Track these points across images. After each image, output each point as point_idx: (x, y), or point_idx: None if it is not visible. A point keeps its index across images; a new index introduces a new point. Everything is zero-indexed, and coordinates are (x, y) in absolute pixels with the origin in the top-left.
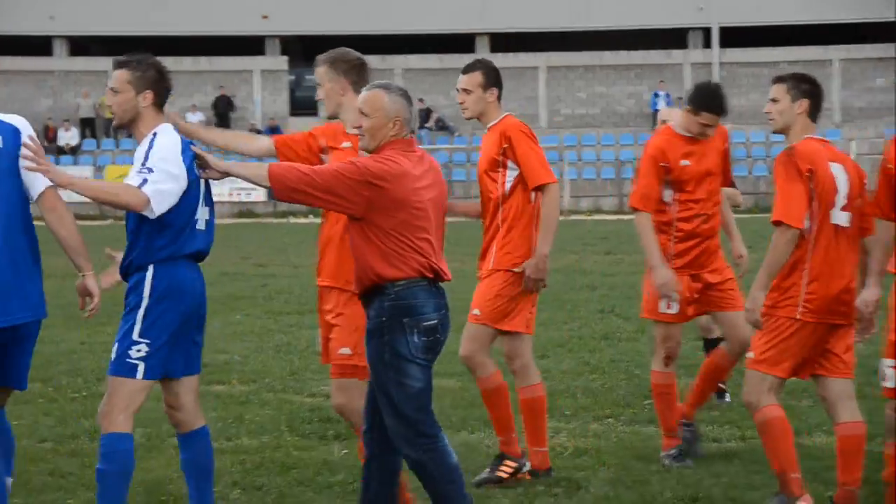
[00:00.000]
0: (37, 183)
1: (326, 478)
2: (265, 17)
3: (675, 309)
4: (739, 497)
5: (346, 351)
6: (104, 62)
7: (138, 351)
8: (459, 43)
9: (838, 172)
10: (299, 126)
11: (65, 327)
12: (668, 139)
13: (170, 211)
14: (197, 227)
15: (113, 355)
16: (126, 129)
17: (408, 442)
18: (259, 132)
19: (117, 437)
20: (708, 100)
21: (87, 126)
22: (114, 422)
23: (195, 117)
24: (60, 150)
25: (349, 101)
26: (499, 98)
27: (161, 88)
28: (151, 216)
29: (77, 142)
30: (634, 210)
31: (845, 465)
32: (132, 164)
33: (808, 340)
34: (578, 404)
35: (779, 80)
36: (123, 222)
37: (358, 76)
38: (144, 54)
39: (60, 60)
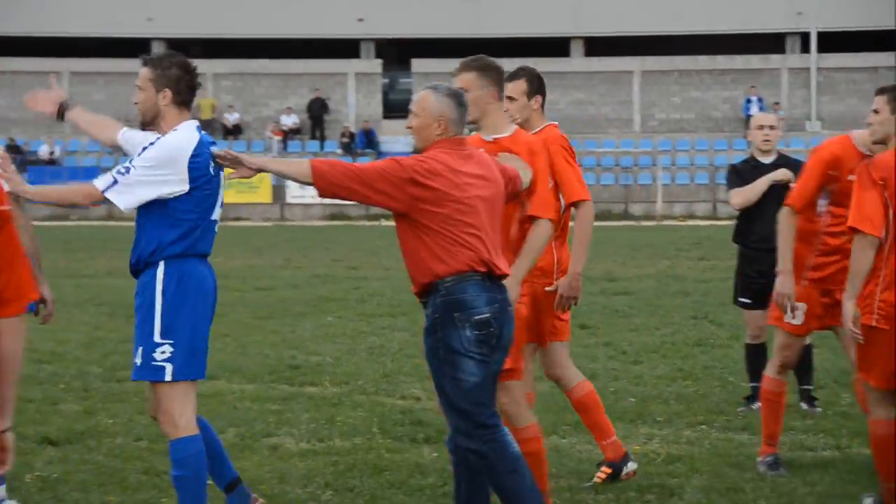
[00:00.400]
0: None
1: (418, 480)
2: (360, 19)
3: (799, 320)
4: None
5: None
6: (203, 65)
7: (162, 353)
8: (554, 47)
9: None
10: (392, 128)
11: None
12: (844, 149)
13: (183, 207)
14: (210, 226)
15: (138, 360)
16: (151, 126)
17: (467, 435)
18: (352, 135)
19: (186, 441)
20: None
21: None
22: (177, 427)
23: (289, 119)
24: None
25: (496, 110)
26: (542, 106)
27: (182, 86)
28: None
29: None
30: (786, 206)
31: None
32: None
33: (886, 348)
34: (671, 410)
35: (881, 91)
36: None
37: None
38: (171, 52)
39: None
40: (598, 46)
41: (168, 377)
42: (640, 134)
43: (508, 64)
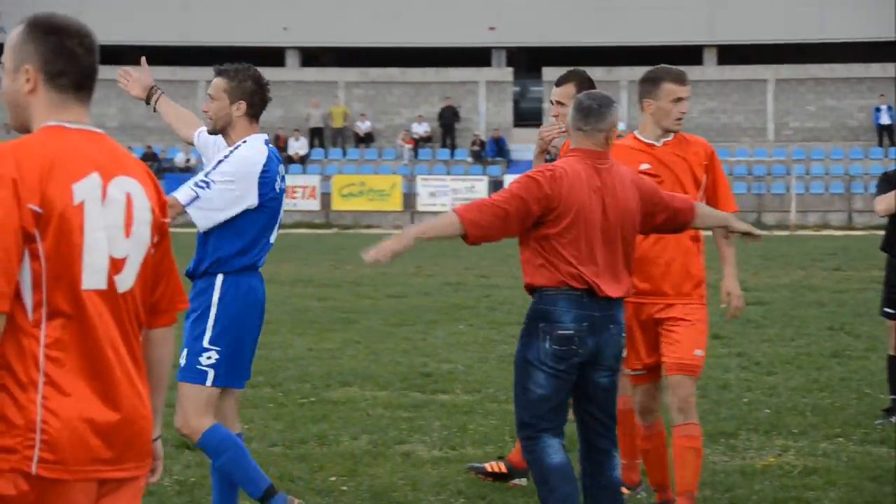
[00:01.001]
0: None
1: None
2: (492, 28)
3: None
4: None
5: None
6: (335, 73)
7: (208, 358)
8: (687, 55)
9: None
10: (523, 137)
11: (292, 333)
12: None
13: (249, 221)
14: (270, 241)
15: (182, 361)
16: (221, 134)
17: (524, 436)
18: (483, 143)
19: (210, 432)
20: None
21: (316, 136)
22: (199, 427)
23: (421, 128)
24: (290, 160)
25: None
26: None
27: (256, 99)
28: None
29: (306, 151)
30: None
31: None
32: (357, 173)
33: None
34: (807, 422)
35: None
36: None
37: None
38: (244, 65)
39: (293, 71)
40: (732, 54)
41: (209, 382)
42: (773, 143)
43: (641, 72)
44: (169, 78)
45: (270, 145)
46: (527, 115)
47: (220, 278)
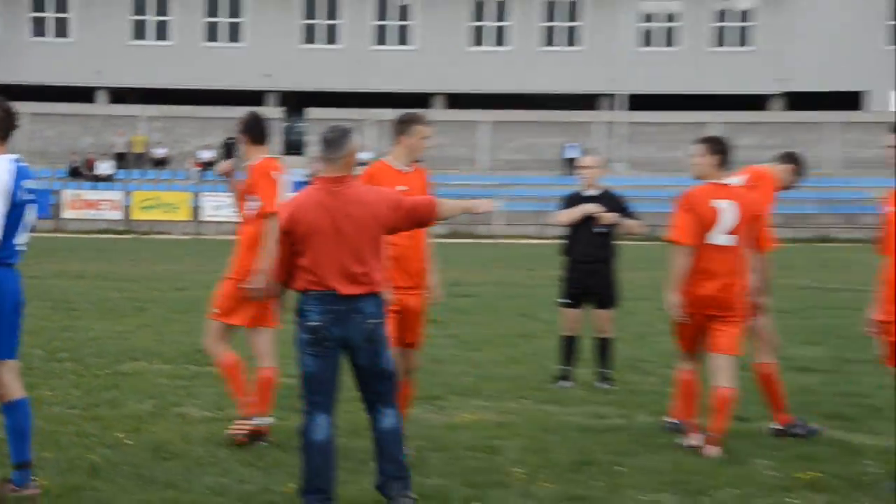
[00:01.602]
0: None
1: (293, 443)
2: (267, 75)
3: None
4: None
5: None
6: (138, 109)
7: None
8: (420, 101)
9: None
10: (291, 163)
11: (94, 319)
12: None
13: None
14: (17, 241)
15: None
16: None
17: (302, 410)
18: None
19: None
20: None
21: (121, 159)
22: None
23: (206, 154)
24: (97, 178)
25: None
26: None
27: (3, 126)
28: None
29: (112, 171)
30: None
31: None
32: (153, 189)
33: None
34: (500, 387)
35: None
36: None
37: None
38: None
39: (103, 107)
40: (455, 100)
41: None
42: (486, 170)
43: (385, 114)
44: None
45: (20, 163)
46: (294, 146)
47: None
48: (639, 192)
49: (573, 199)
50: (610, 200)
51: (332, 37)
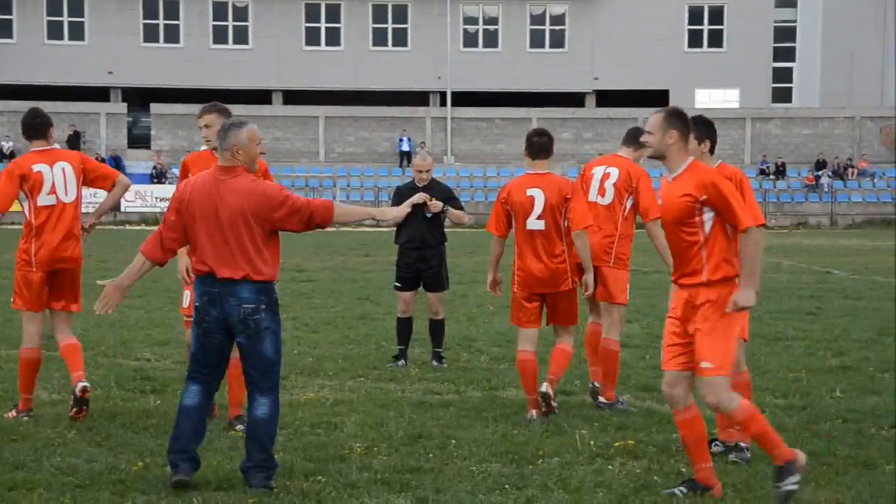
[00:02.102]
0: None
1: (144, 422)
2: (110, 72)
3: None
4: None
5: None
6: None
7: None
8: (260, 97)
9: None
10: (136, 156)
11: None
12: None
13: None
14: None
15: None
16: None
17: None
18: (103, 160)
19: None
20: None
21: None
22: None
23: None
24: None
25: None
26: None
27: None
28: None
29: None
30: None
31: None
32: None
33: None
34: (339, 367)
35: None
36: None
37: None
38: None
39: None
40: (293, 97)
41: None
42: (324, 163)
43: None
44: None
45: None
46: (138, 140)
47: None
48: (465, 183)
49: (404, 191)
50: (438, 189)
51: (172, 36)
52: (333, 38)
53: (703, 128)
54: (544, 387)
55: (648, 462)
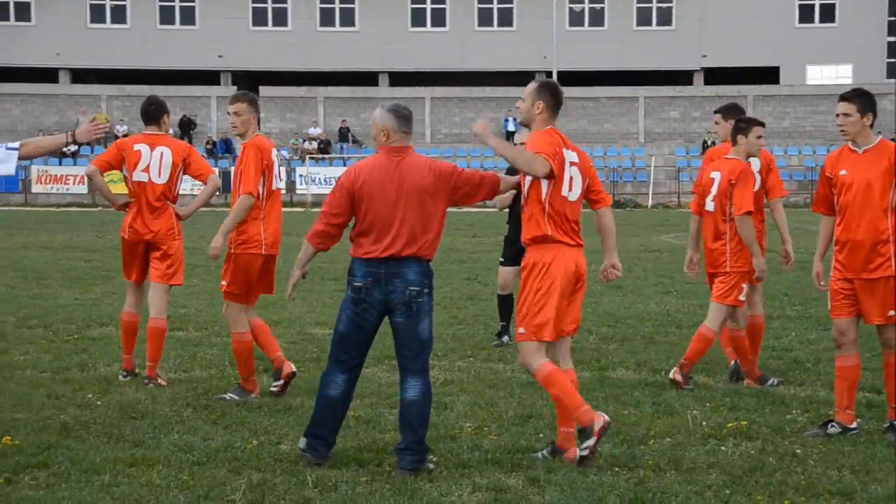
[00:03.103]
0: None
1: (259, 401)
2: (220, 56)
3: None
4: None
5: None
6: (98, 89)
7: None
8: (366, 79)
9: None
10: None
11: (61, 287)
12: None
13: None
14: None
15: None
16: None
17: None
18: (214, 143)
19: None
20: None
21: None
22: None
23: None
24: (64, 154)
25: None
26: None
27: None
28: None
29: (76, 148)
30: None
31: None
32: None
33: None
34: (448, 347)
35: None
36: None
37: None
38: None
39: (65, 87)
40: (399, 78)
41: None
42: (430, 144)
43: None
44: None
45: None
46: None
47: None
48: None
49: (512, 169)
50: None
51: (280, 19)
52: (439, 18)
53: (865, 100)
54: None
55: (762, 443)
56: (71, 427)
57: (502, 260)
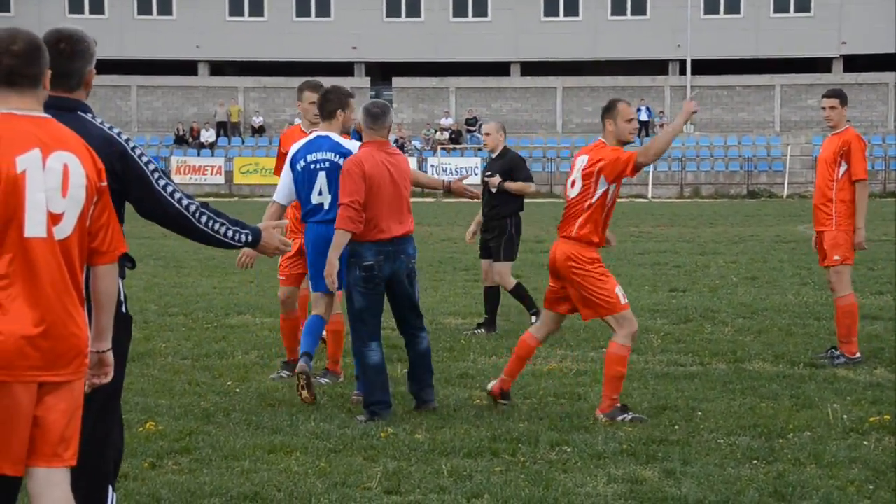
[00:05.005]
0: None
1: (393, 389)
2: (354, 47)
3: None
4: None
5: None
6: (236, 80)
7: None
8: (497, 69)
9: None
10: None
11: (201, 276)
12: None
13: None
14: None
15: None
16: None
17: (354, 339)
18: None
19: None
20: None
21: (222, 128)
22: None
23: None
24: (202, 145)
25: None
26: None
27: None
28: None
29: (214, 139)
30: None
31: None
32: (252, 156)
33: None
34: (581, 338)
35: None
36: None
37: None
38: None
39: (204, 79)
40: (531, 68)
41: None
42: (561, 134)
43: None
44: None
45: None
46: None
47: None
48: (705, 153)
49: (489, 161)
50: (503, 161)
51: (413, 10)
52: (572, 8)
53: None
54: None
55: None
56: (212, 413)
57: (480, 253)
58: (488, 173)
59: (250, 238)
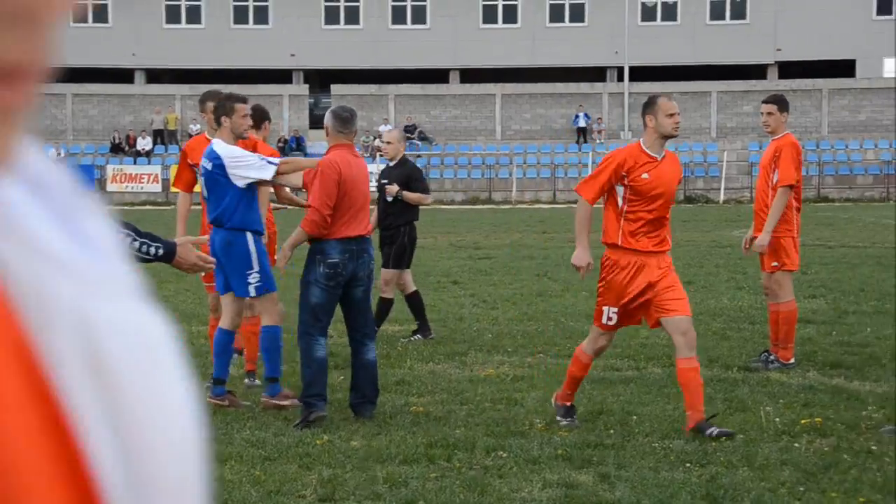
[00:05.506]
0: None
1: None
2: (293, 55)
3: None
4: None
5: None
6: (173, 88)
7: None
8: (436, 76)
9: None
10: (317, 136)
11: None
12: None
13: None
14: None
15: None
16: None
17: (302, 332)
18: (286, 141)
19: None
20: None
21: (158, 135)
22: None
23: None
24: (138, 153)
25: None
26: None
27: None
28: None
29: (150, 147)
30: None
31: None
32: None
33: None
34: (518, 343)
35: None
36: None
37: None
38: None
39: (140, 87)
40: (470, 75)
41: None
42: (500, 140)
43: (404, 89)
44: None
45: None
46: (320, 121)
47: None
48: None
49: (385, 169)
50: (402, 170)
51: (352, 17)
52: (510, 15)
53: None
54: None
55: (837, 440)
56: None
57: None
58: (384, 181)
59: (161, 251)
